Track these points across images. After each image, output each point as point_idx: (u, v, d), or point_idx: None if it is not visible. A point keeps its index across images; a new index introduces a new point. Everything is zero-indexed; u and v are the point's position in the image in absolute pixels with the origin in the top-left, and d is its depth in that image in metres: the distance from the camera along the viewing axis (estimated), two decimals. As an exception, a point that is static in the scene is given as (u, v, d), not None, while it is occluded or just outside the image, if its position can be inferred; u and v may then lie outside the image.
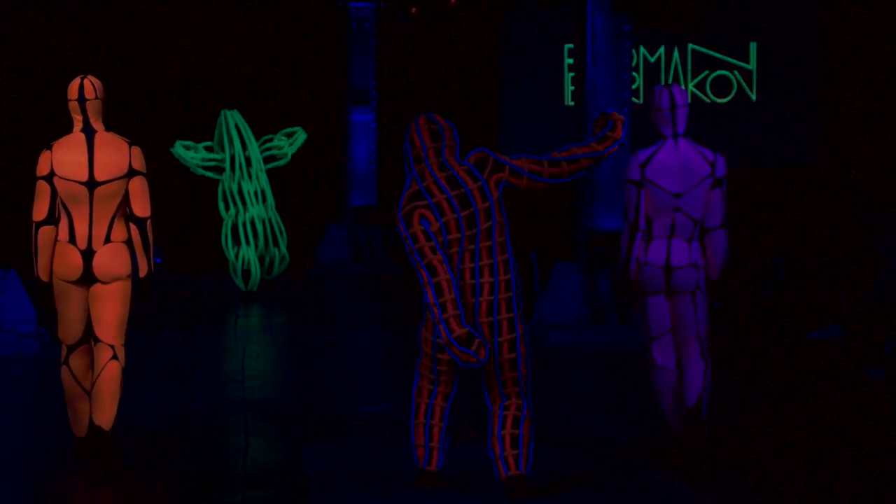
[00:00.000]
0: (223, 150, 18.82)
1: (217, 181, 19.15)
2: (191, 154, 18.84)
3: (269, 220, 19.18)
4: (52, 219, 9.01)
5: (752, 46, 21.99)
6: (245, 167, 18.89)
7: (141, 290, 9.16)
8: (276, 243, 19.19)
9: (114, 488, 8.70)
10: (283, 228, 19.21)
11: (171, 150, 18.66)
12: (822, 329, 13.84)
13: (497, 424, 8.27)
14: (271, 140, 19.13)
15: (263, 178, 19.04)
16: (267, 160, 19.09)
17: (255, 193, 19.03)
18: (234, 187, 18.97)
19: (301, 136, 19.20)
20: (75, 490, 8.85)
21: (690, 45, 21.27)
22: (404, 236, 8.21)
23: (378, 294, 20.50)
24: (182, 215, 20.85)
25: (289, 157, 19.22)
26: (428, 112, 8.39)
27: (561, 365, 12.95)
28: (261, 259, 19.20)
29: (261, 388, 12.55)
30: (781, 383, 12.42)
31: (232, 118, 18.78)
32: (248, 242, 19.03)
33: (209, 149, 18.99)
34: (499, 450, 8.23)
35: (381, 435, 10.28)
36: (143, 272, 9.08)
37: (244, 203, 19.02)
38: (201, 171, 19.01)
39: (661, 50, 21.66)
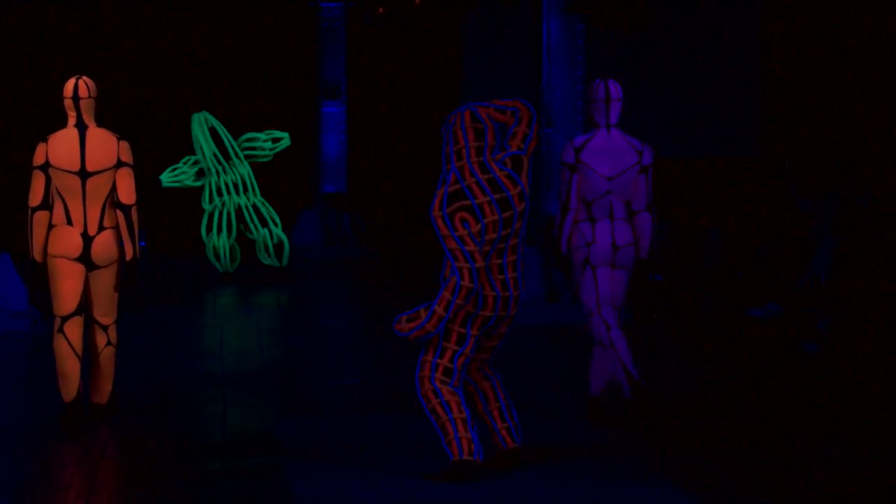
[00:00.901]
0: (201, 152, 18.82)
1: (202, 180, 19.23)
2: (178, 173, 18.85)
3: (257, 206, 19.21)
4: (46, 204, 9.26)
5: (696, 45, 22.10)
6: (224, 161, 18.91)
7: (127, 273, 9.42)
8: (265, 225, 19.22)
9: (101, 455, 8.74)
10: (272, 210, 19.24)
11: (163, 183, 18.68)
12: (761, 307, 13.91)
13: (482, 401, 8.28)
14: (256, 140, 19.14)
15: (244, 168, 19.05)
16: (248, 156, 19.10)
17: (236, 184, 19.04)
18: (213, 183, 18.98)
19: (286, 143, 19.24)
20: (64, 456, 8.89)
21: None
22: (445, 234, 7.78)
23: (348, 275, 20.52)
24: (167, 202, 20.82)
25: (270, 157, 19.25)
26: (473, 107, 7.98)
27: (521, 340, 13.01)
28: (253, 243, 19.27)
29: (238, 363, 12.55)
30: (723, 356, 12.48)
31: (201, 120, 18.73)
32: (219, 232, 19.04)
33: (196, 163, 19.00)
34: (491, 425, 8.25)
35: (352, 406, 10.34)
36: (128, 255, 9.35)
37: (227, 194, 19.03)
38: (197, 184, 19.02)
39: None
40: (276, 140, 19.15)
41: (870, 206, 13.75)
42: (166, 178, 18.74)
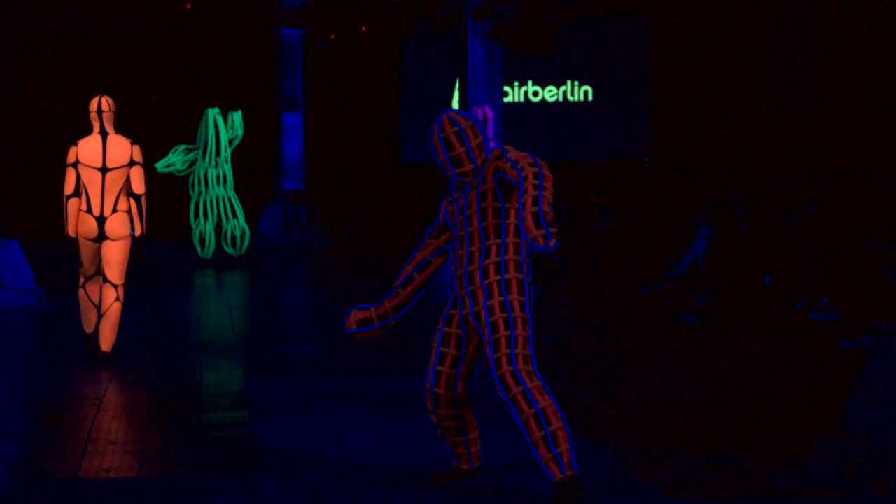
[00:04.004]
0: (201, 140, 18.77)
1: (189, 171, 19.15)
2: (171, 159, 18.73)
3: (228, 198, 19.13)
4: (76, 193, 10.22)
5: (592, 63, 22.17)
6: (214, 156, 18.84)
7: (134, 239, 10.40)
8: (234, 216, 19.15)
9: (104, 391, 8.68)
10: (239, 205, 19.16)
11: (157, 169, 18.56)
12: (651, 284, 13.98)
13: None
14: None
15: (227, 166, 19.03)
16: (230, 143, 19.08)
17: (218, 177, 19.00)
18: (202, 172, 18.95)
19: (236, 137, 19.17)
20: (67, 408, 8.84)
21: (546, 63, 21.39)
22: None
23: (305, 258, 20.49)
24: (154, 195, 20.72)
25: (240, 134, 19.13)
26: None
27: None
28: (221, 231, 19.17)
29: (213, 333, 12.51)
30: (614, 331, 12.57)
31: (213, 115, 18.77)
32: (206, 217, 19.03)
33: (188, 151, 18.90)
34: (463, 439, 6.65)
35: (310, 370, 10.32)
36: (138, 232, 10.36)
37: (206, 185, 18.97)
38: (187, 170, 18.92)
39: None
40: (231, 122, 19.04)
41: (739, 202, 13.83)
42: (160, 165, 18.63)
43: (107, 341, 10.30)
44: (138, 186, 10.25)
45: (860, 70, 15.19)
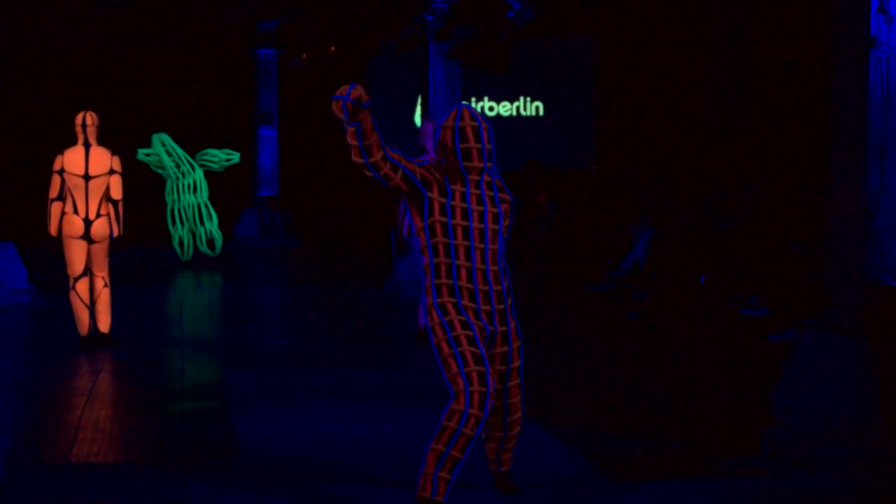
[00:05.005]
0: (162, 164, 18.73)
1: (165, 178, 19.07)
2: (154, 151, 18.70)
3: (200, 205, 19.05)
4: (60, 197, 10.42)
5: (542, 81, 22.22)
6: (177, 168, 18.79)
7: (112, 240, 10.61)
8: (208, 221, 19.06)
9: (83, 406, 8.63)
10: (212, 212, 19.07)
11: (138, 154, 18.53)
12: (598, 283, 14.03)
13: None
14: (213, 155, 18.99)
15: (198, 174, 18.95)
16: (203, 165, 18.98)
17: (188, 186, 18.93)
18: (174, 184, 18.88)
19: (235, 160, 19.16)
20: (59, 398, 8.78)
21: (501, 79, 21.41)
22: None
23: (279, 260, 20.42)
24: (139, 201, 20.62)
25: (221, 168, 19.12)
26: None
27: (412, 312, 13.01)
28: (196, 235, 19.08)
29: (193, 328, 12.45)
30: (563, 326, 12.60)
31: (161, 139, 18.72)
32: (182, 223, 18.96)
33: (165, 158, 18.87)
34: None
35: (282, 363, 10.29)
36: (115, 234, 10.57)
37: (179, 194, 18.92)
38: (159, 170, 18.89)
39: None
40: (228, 158, 19.01)
41: (677, 208, 13.88)
42: (141, 154, 18.64)
43: (104, 323, 10.66)
44: (116, 193, 10.49)
45: (785, 93, 15.31)
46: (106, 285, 10.68)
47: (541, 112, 22.57)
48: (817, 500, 6.30)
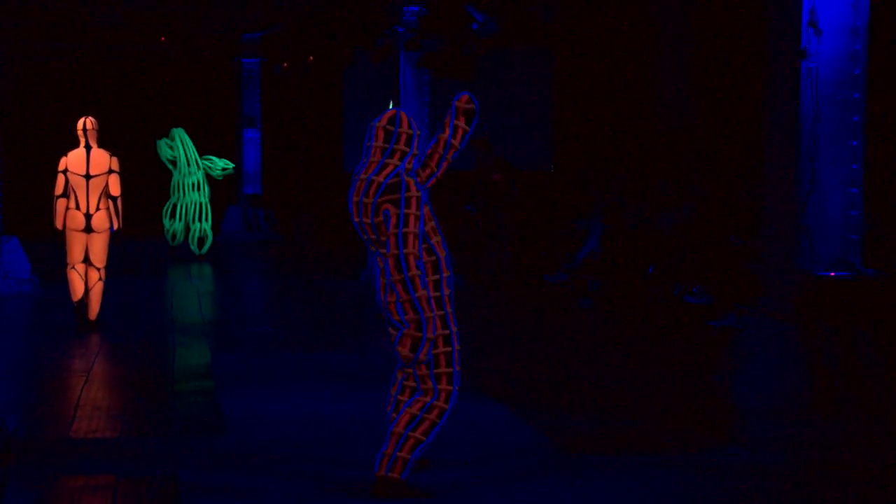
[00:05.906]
0: (174, 159, 18.69)
1: (170, 173, 19.02)
2: (167, 144, 18.65)
3: (201, 204, 18.98)
4: (64, 194, 10.77)
5: (504, 88, 22.21)
6: (186, 166, 18.75)
7: (114, 233, 10.99)
8: (205, 220, 18.99)
9: (82, 386, 8.60)
10: (208, 212, 18.99)
11: (159, 145, 18.56)
12: (554, 274, 14.04)
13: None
14: (213, 162, 18.93)
15: (201, 174, 18.91)
16: (203, 167, 18.96)
17: (193, 185, 18.90)
18: (181, 180, 18.87)
19: (230, 171, 19.11)
20: (59, 379, 8.75)
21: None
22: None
23: (262, 253, 20.36)
24: (135, 196, 20.51)
25: (220, 177, 19.06)
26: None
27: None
28: (189, 231, 19.01)
29: (184, 315, 12.40)
30: (524, 312, 12.63)
31: (179, 135, 18.68)
32: (179, 219, 18.89)
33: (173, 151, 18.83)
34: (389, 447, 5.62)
35: (266, 347, 10.29)
36: (115, 227, 10.92)
37: (183, 191, 18.86)
38: (167, 163, 18.85)
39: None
40: (225, 168, 18.96)
41: (627, 205, 13.93)
42: (162, 144, 18.62)
43: (93, 312, 10.98)
44: (115, 190, 10.85)
45: (724, 100, 15.41)
46: (101, 279, 10.93)
47: (503, 117, 22.58)
48: (752, 474, 6.36)
